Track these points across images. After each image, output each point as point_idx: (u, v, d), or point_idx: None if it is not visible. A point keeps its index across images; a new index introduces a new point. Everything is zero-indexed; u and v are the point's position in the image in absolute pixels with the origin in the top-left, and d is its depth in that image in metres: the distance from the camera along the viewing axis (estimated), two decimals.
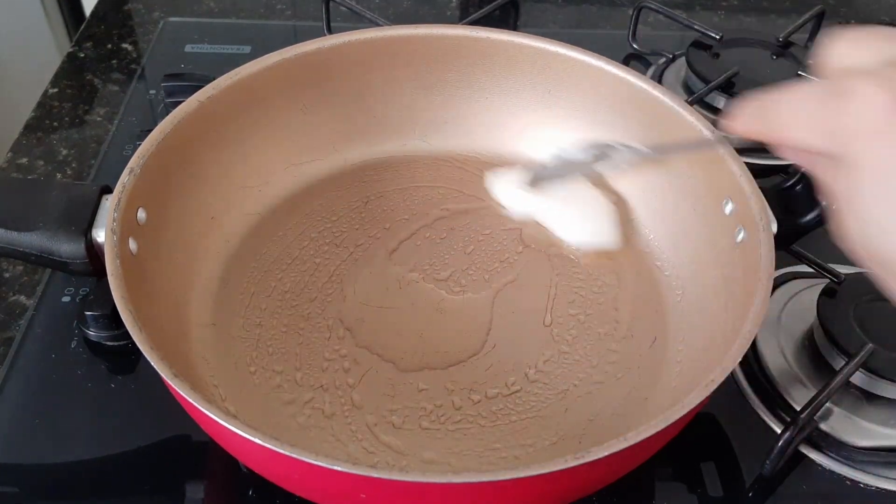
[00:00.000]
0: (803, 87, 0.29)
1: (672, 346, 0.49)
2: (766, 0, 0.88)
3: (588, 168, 0.44)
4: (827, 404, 0.46)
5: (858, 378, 0.47)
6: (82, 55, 0.76)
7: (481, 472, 0.32)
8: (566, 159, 0.45)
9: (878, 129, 0.25)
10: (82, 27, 0.80)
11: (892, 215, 0.26)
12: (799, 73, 0.67)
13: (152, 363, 0.36)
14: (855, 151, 0.26)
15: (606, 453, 0.33)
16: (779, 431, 0.45)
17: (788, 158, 0.32)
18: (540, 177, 0.47)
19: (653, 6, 0.76)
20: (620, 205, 0.54)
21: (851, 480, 0.46)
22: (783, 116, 0.29)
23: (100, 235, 0.44)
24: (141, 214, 0.45)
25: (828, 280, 0.51)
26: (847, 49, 0.29)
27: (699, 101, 0.66)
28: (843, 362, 0.46)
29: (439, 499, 0.35)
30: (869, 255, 0.27)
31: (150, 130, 0.47)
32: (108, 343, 0.50)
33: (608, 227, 0.50)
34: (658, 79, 0.72)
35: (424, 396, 0.46)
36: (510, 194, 0.48)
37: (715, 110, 0.68)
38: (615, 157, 0.43)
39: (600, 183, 0.49)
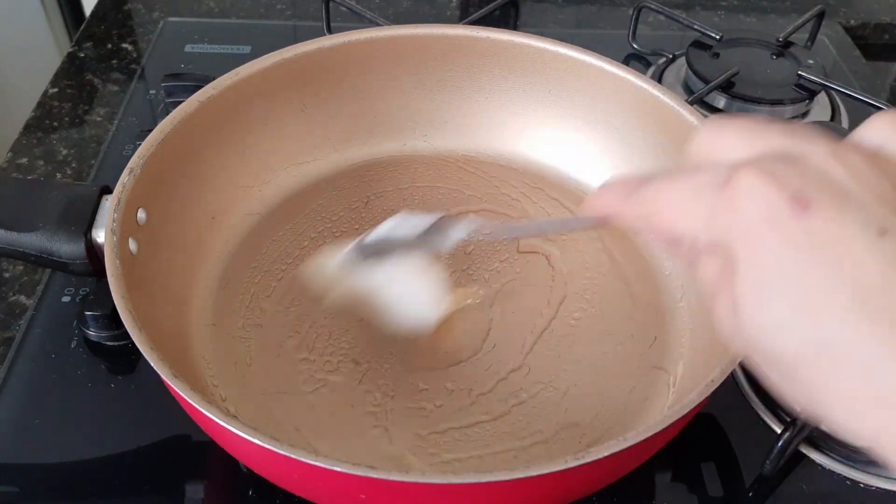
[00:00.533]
0: (682, 173, 0.27)
1: (672, 346, 0.49)
2: (765, 0, 0.88)
3: (420, 243, 0.41)
4: None
5: None
6: (82, 55, 0.76)
7: (481, 472, 0.33)
8: (394, 234, 0.42)
9: (765, 225, 0.24)
10: (82, 27, 0.80)
11: (781, 315, 0.24)
12: (799, 73, 0.67)
13: (152, 363, 0.36)
14: (739, 248, 0.24)
15: (606, 453, 0.33)
16: (779, 431, 0.45)
17: (658, 243, 0.30)
18: (365, 253, 0.43)
19: (653, 6, 0.76)
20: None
21: (851, 480, 0.46)
22: (660, 202, 0.27)
23: (100, 236, 0.44)
24: (141, 215, 0.45)
25: None
26: (720, 139, 0.27)
27: (699, 101, 0.66)
28: None
29: (439, 499, 0.35)
30: (750, 349, 0.26)
31: (150, 130, 0.48)
32: (108, 343, 0.50)
33: (430, 310, 0.46)
34: (658, 79, 0.72)
35: (424, 396, 0.46)
36: (331, 274, 0.44)
37: (715, 110, 0.68)
38: (452, 235, 0.40)
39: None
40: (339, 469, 0.32)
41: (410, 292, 0.45)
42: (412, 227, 0.41)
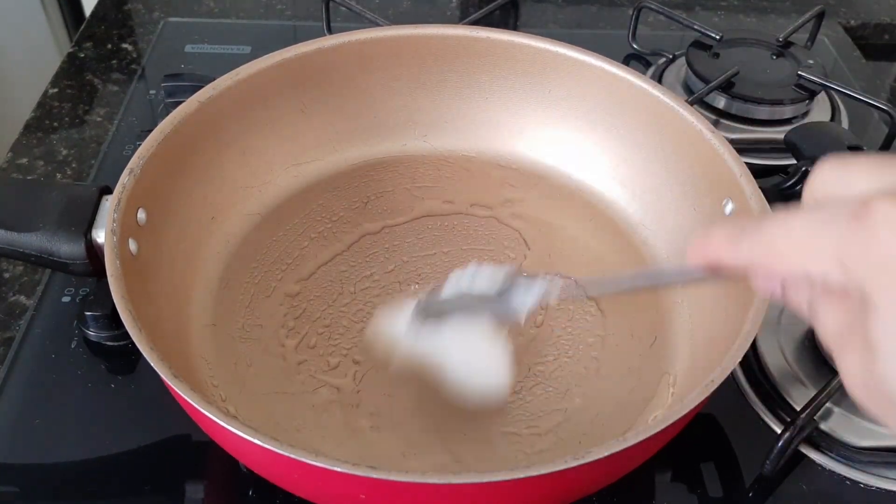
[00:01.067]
0: (803, 211, 0.25)
1: (672, 346, 0.49)
2: (766, 0, 0.88)
3: (491, 303, 0.39)
4: (827, 404, 0.46)
5: None
6: (82, 55, 0.76)
7: (481, 472, 0.32)
8: (465, 291, 0.40)
9: None
10: (82, 27, 0.80)
11: None
12: (799, 73, 0.67)
13: (152, 363, 0.36)
14: (878, 283, 0.22)
15: (606, 454, 0.33)
16: (779, 431, 0.45)
17: (768, 292, 0.28)
18: (431, 310, 0.41)
19: (653, 6, 0.76)
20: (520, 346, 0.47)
21: (851, 480, 0.46)
22: (781, 241, 0.25)
23: (100, 236, 0.44)
24: (141, 215, 0.45)
25: None
26: (839, 175, 0.26)
27: (699, 101, 0.66)
28: None
29: (439, 499, 0.35)
30: (890, 405, 0.24)
31: (150, 130, 0.47)
32: (108, 343, 0.50)
33: (497, 379, 0.43)
34: (658, 79, 0.72)
35: (424, 396, 0.46)
36: (395, 331, 0.42)
37: (715, 110, 0.68)
38: (527, 292, 0.38)
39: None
40: (339, 469, 0.32)
41: (477, 359, 0.42)
42: (480, 286, 0.39)
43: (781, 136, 0.56)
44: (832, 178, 0.26)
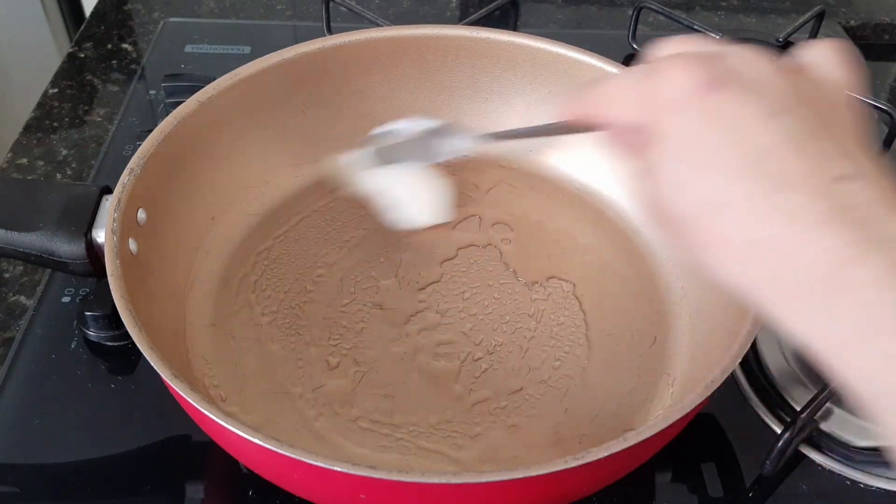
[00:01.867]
0: (626, 71, 0.33)
1: (672, 347, 0.49)
2: (766, 0, 0.88)
3: (428, 151, 0.47)
4: (827, 404, 0.46)
5: None
6: (82, 55, 0.76)
7: (481, 472, 0.32)
8: (406, 140, 0.48)
9: (683, 101, 0.28)
10: (82, 27, 0.80)
11: (688, 176, 0.29)
12: None
13: (152, 363, 0.36)
14: (663, 122, 0.29)
15: (607, 454, 0.33)
16: (779, 431, 0.45)
17: (613, 143, 0.34)
18: (382, 157, 0.49)
19: (653, 6, 0.76)
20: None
21: (851, 480, 0.46)
22: (608, 96, 0.32)
23: (100, 236, 0.44)
24: (141, 215, 0.45)
25: None
26: (666, 46, 0.32)
27: None
28: None
29: (439, 499, 0.35)
30: (664, 213, 0.30)
31: (150, 131, 0.48)
32: (108, 343, 0.50)
33: (439, 205, 0.52)
34: None
35: (425, 397, 0.46)
36: (358, 171, 0.50)
37: None
38: (451, 143, 0.46)
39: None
40: (339, 469, 0.32)
41: (417, 194, 0.51)
42: (417, 128, 0.47)
43: None
44: (653, 51, 0.32)
